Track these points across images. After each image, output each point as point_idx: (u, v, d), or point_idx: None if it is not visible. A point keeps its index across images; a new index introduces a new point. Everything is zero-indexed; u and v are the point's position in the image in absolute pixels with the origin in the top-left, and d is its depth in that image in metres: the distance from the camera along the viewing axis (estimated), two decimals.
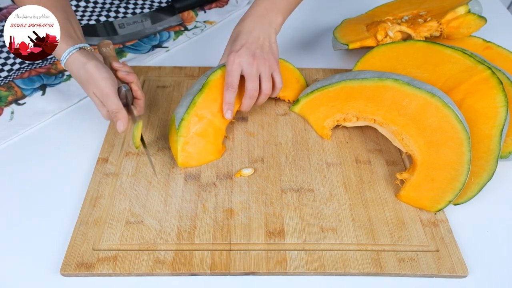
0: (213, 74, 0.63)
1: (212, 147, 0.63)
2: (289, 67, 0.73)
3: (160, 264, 0.52)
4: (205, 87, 0.61)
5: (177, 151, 0.60)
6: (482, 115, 0.60)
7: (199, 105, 0.61)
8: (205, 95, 0.61)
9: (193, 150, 0.61)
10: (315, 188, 0.61)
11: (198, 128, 0.61)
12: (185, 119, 0.60)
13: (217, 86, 0.63)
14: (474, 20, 0.73)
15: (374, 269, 0.53)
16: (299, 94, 0.72)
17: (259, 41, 0.63)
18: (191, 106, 0.60)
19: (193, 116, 0.61)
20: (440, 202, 0.58)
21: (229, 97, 0.62)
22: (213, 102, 0.62)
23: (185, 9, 0.92)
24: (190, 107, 0.60)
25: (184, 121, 0.60)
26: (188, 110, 0.60)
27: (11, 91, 0.73)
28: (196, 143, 0.61)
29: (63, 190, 0.61)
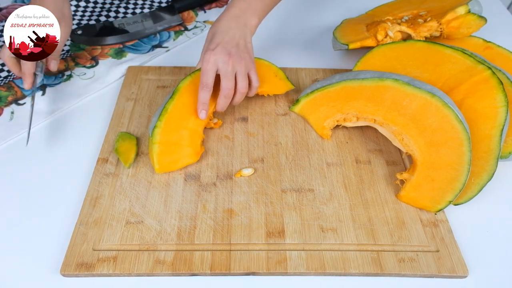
0: (183, 81, 0.64)
1: (189, 150, 0.62)
2: (265, 63, 0.73)
3: (160, 264, 0.52)
4: (175, 93, 0.62)
5: (154, 158, 0.60)
6: (482, 115, 0.60)
7: (171, 112, 0.61)
8: (176, 101, 0.62)
9: (169, 156, 0.61)
10: (315, 188, 0.61)
11: (172, 134, 0.61)
12: (158, 126, 0.60)
13: (188, 91, 0.63)
14: (474, 20, 0.73)
15: (374, 269, 0.53)
16: (280, 88, 0.72)
17: (234, 40, 0.63)
18: (162, 113, 0.61)
19: (166, 123, 0.61)
20: (440, 202, 0.58)
21: (204, 97, 0.61)
22: (185, 106, 0.63)
23: (185, 9, 0.92)
24: (162, 114, 0.61)
25: (157, 128, 0.60)
26: (160, 117, 0.60)
27: (11, 91, 0.73)
28: (172, 148, 0.61)
29: (63, 190, 0.61)
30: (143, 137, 0.67)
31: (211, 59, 0.61)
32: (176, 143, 0.62)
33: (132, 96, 0.73)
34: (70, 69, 0.78)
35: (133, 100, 0.72)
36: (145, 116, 0.70)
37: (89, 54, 0.81)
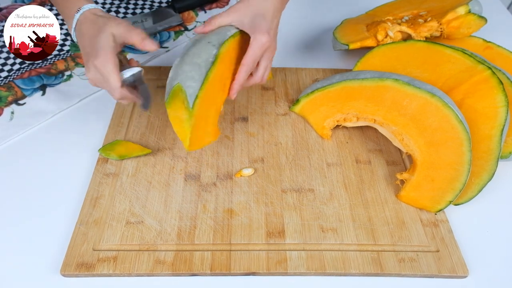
0: (224, 45, 0.55)
1: (211, 129, 0.58)
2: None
3: (160, 264, 0.52)
4: (217, 59, 0.54)
5: (186, 133, 0.53)
6: (482, 115, 0.60)
7: (210, 81, 0.53)
8: (217, 70, 0.54)
9: (197, 132, 0.55)
10: (315, 188, 0.61)
11: (204, 108, 0.54)
12: (200, 96, 0.52)
13: (225, 60, 0.56)
14: (474, 20, 0.73)
15: (374, 269, 0.53)
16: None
17: (276, 30, 0.61)
18: (205, 81, 0.52)
19: (205, 93, 0.53)
20: (441, 202, 0.58)
21: (243, 78, 0.57)
22: (220, 77, 0.56)
23: (185, 9, 0.92)
24: (204, 82, 0.52)
25: (198, 98, 0.52)
26: (202, 86, 0.52)
27: (11, 91, 0.73)
28: (201, 124, 0.55)
29: (63, 190, 0.61)
30: (140, 141, 0.67)
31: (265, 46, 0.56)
32: (205, 119, 0.56)
33: None
34: (70, 69, 0.78)
35: None
36: (145, 116, 0.70)
37: None
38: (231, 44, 0.57)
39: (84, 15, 0.56)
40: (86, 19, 0.56)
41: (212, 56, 0.54)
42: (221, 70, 0.56)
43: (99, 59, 0.53)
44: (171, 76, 0.55)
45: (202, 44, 0.56)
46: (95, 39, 0.54)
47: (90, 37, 0.55)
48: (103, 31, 0.54)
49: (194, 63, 0.54)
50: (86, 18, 0.56)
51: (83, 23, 0.56)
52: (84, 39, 0.56)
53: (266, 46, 0.57)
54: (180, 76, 0.53)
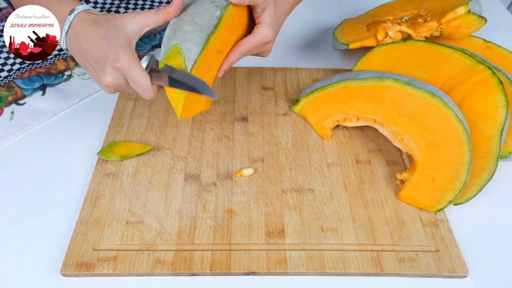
0: (228, 8, 0.52)
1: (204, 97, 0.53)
2: None
3: (160, 264, 0.52)
4: (219, 23, 0.50)
5: (180, 99, 0.49)
6: (482, 115, 0.60)
7: (210, 46, 0.50)
8: (218, 34, 0.50)
9: (192, 100, 0.51)
10: (315, 188, 0.61)
11: (201, 73, 0.51)
12: (199, 61, 0.49)
13: (228, 25, 0.52)
14: (474, 20, 0.73)
15: (374, 269, 0.53)
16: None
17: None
18: (205, 46, 0.49)
19: (203, 57, 0.49)
20: (440, 202, 0.58)
21: (236, 60, 0.55)
22: (219, 42, 0.52)
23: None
24: (205, 47, 0.49)
25: (197, 64, 0.48)
26: (203, 50, 0.49)
27: (11, 91, 0.73)
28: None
29: (63, 190, 0.61)
30: (140, 140, 0.67)
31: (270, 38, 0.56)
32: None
33: (132, 96, 0.73)
34: (70, 69, 0.78)
35: (133, 100, 0.72)
36: (145, 116, 0.70)
37: None
38: (235, 9, 0.53)
39: (79, 17, 0.51)
40: (84, 21, 0.50)
41: (215, 18, 0.51)
42: (222, 35, 0.52)
43: (121, 61, 0.48)
44: (168, 34, 0.50)
45: (205, 3, 0.51)
46: (106, 40, 0.49)
47: (98, 39, 0.49)
48: (116, 29, 0.49)
49: (195, 23, 0.50)
50: (83, 19, 0.51)
51: (80, 25, 0.51)
52: (86, 43, 0.50)
53: (267, 40, 0.56)
54: (179, 36, 0.49)
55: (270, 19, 0.56)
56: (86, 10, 0.52)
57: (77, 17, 0.51)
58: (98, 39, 0.49)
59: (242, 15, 0.56)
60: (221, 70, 0.55)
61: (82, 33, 0.50)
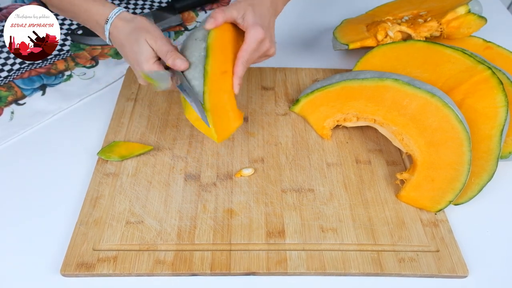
0: (210, 36, 0.56)
1: (232, 114, 0.59)
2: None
3: (160, 264, 0.52)
4: (209, 51, 0.55)
5: (210, 128, 0.55)
6: (482, 115, 0.60)
7: (211, 74, 0.54)
8: (212, 60, 0.55)
9: (221, 122, 0.57)
10: (315, 188, 0.61)
11: (216, 98, 0.56)
12: (206, 91, 0.54)
13: (218, 47, 0.56)
14: (474, 20, 0.73)
15: (374, 269, 0.53)
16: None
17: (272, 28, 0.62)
18: (205, 75, 0.54)
19: (210, 86, 0.54)
20: (441, 202, 0.58)
21: (242, 71, 0.58)
22: (219, 65, 0.56)
23: (185, 9, 0.92)
24: (205, 77, 0.54)
25: (206, 93, 0.54)
26: (205, 81, 0.54)
27: (11, 91, 0.73)
28: (220, 114, 0.57)
29: (63, 190, 0.61)
30: (140, 140, 0.67)
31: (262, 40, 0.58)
32: (222, 108, 0.57)
33: (132, 96, 0.73)
34: (70, 69, 0.78)
35: (133, 100, 0.72)
36: (145, 116, 0.70)
37: (89, 54, 0.81)
38: (217, 32, 0.57)
39: (114, 24, 0.57)
40: (118, 29, 0.57)
41: (203, 50, 0.55)
42: (217, 59, 0.56)
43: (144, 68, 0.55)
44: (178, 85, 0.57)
45: (191, 43, 0.57)
46: (133, 49, 0.56)
47: (129, 46, 0.56)
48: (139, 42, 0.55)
49: (190, 64, 0.55)
50: (117, 27, 0.57)
51: (116, 34, 0.57)
52: (124, 48, 0.58)
53: (260, 39, 0.58)
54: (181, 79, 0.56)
55: (253, 20, 0.58)
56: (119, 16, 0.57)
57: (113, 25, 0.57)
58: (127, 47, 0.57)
59: (227, 32, 0.59)
60: (234, 86, 0.58)
61: (117, 41, 0.58)
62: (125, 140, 0.66)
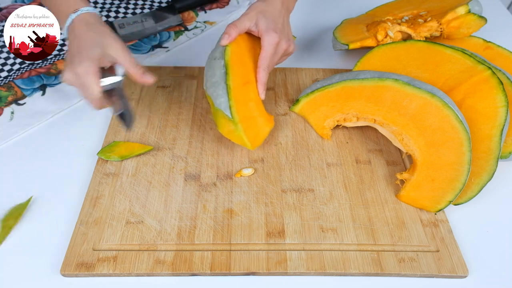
0: (226, 53, 0.60)
1: (262, 120, 0.62)
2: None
3: (160, 264, 0.52)
4: (228, 68, 0.59)
5: (243, 138, 0.59)
6: (482, 115, 0.60)
7: (233, 88, 0.59)
8: (232, 75, 0.59)
9: (252, 130, 0.60)
10: (315, 188, 0.61)
11: (244, 109, 0.60)
12: (232, 105, 0.58)
13: (235, 63, 0.60)
14: (474, 20, 0.73)
15: (374, 269, 0.53)
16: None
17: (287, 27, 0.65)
18: (228, 91, 0.58)
19: (235, 100, 0.58)
20: (441, 202, 0.58)
21: (265, 78, 0.62)
22: (240, 78, 0.60)
23: (185, 9, 0.92)
24: (228, 92, 0.58)
25: (232, 107, 0.58)
26: (229, 96, 0.58)
27: (11, 91, 0.73)
28: (250, 122, 0.60)
29: (63, 190, 0.61)
30: (140, 140, 0.67)
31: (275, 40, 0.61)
32: (250, 116, 0.61)
33: (132, 96, 0.73)
34: None
35: (133, 100, 0.72)
36: (145, 116, 0.70)
37: None
38: (234, 46, 0.61)
39: (81, 17, 0.56)
40: (81, 22, 0.56)
41: (222, 67, 0.59)
42: (237, 72, 0.60)
43: (81, 68, 0.52)
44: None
45: (211, 63, 0.61)
46: (85, 46, 0.54)
47: (81, 41, 0.55)
48: (97, 44, 0.54)
49: (213, 83, 0.59)
50: (82, 20, 0.56)
51: (78, 25, 0.56)
52: (75, 40, 0.55)
53: (275, 43, 0.61)
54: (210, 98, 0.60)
55: (266, 26, 0.61)
56: (90, 13, 0.57)
57: (79, 17, 0.56)
58: (79, 41, 0.55)
59: (243, 43, 0.63)
60: (260, 92, 0.63)
61: (75, 30, 0.56)
62: (125, 140, 0.66)
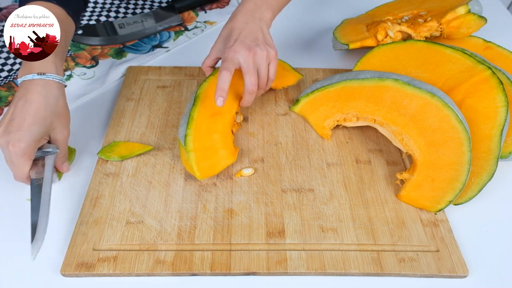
0: (201, 86, 0.64)
1: (224, 152, 0.61)
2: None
3: (160, 264, 0.52)
4: (196, 100, 0.62)
5: (192, 167, 0.58)
6: (482, 115, 0.60)
7: (197, 119, 0.60)
8: (199, 107, 0.61)
9: (207, 161, 0.59)
10: (315, 188, 0.61)
11: (204, 139, 0.60)
12: (188, 134, 0.59)
13: (209, 95, 0.63)
14: (474, 20, 0.73)
15: (375, 269, 0.53)
16: (289, 79, 0.73)
17: (252, 34, 0.61)
18: (189, 121, 0.60)
19: (195, 130, 0.60)
20: (441, 202, 0.58)
21: (223, 82, 0.58)
22: (209, 110, 0.62)
23: (185, 9, 0.92)
24: (189, 122, 0.60)
25: (188, 136, 0.59)
26: (188, 126, 0.59)
27: (11, 91, 0.73)
28: (208, 153, 0.60)
29: (63, 190, 0.61)
30: (140, 140, 0.67)
31: (230, 56, 0.59)
32: (210, 148, 0.60)
33: (132, 96, 0.73)
34: (70, 69, 0.78)
35: (133, 100, 0.72)
36: (145, 116, 0.70)
37: (89, 54, 0.81)
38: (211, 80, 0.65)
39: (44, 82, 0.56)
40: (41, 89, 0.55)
41: (192, 101, 0.63)
42: (208, 104, 0.62)
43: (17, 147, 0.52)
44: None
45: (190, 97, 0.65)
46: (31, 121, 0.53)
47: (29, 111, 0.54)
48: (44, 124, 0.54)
49: (184, 115, 0.63)
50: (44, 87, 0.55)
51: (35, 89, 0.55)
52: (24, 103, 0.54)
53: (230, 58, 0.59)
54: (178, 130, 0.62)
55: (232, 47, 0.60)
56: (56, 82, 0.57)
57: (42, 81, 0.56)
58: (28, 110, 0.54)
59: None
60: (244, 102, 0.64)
61: (30, 94, 0.55)
62: (125, 140, 0.66)
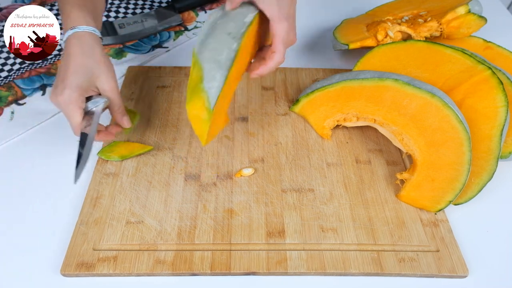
0: (244, 37, 0.52)
1: (223, 117, 0.57)
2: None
3: (160, 264, 0.52)
4: (237, 55, 0.51)
5: (205, 131, 0.51)
6: (482, 115, 0.60)
7: (230, 77, 0.51)
8: (236, 64, 0.52)
9: (214, 125, 0.54)
10: (315, 188, 0.61)
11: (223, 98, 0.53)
12: (220, 96, 0.50)
13: (244, 50, 0.54)
14: (474, 20, 0.73)
15: (375, 269, 0.53)
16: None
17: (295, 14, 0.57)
18: (226, 81, 0.50)
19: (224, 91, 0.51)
20: (441, 202, 0.58)
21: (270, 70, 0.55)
22: (236, 73, 0.54)
23: (185, 9, 0.92)
24: (226, 83, 0.50)
25: (219, 99, 0.50)
26: (223, 87, 0.50)
27: (11, 91, 0.73)
28: (217, 117, 0.54)
29: (63, 190, 0.61)
30: (140, 140, 0.67)
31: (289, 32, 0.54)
32: (219, 113, 0.54)
33: (132, 96, 0.73)
34: None
35: (133, 100, 0.72)
36: (145, 116, 0.70)
37: None
38: (250, 32, 0.54)
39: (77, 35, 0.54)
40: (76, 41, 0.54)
41: (232, 51, 0.51)
42: (240, 62, 0.53)
43: (62, 96, 0.52)
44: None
45: (222, 36, 0.52)
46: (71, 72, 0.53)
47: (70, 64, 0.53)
48: (85, 72, 0.54)
49: (214, 60, 0.50)
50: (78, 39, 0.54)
51: (72, 44, 0.54)
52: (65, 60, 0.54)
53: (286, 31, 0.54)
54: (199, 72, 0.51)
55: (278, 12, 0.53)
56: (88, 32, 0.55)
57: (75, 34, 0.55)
58: (68, 64, 0.54)
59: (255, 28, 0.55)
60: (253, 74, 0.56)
61: (68, 49, 0.55)
62: (125, 140, 0.66)
